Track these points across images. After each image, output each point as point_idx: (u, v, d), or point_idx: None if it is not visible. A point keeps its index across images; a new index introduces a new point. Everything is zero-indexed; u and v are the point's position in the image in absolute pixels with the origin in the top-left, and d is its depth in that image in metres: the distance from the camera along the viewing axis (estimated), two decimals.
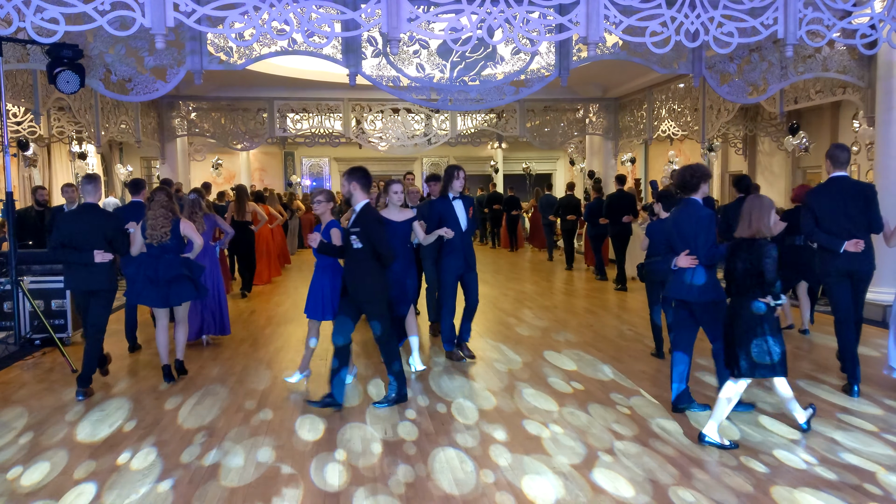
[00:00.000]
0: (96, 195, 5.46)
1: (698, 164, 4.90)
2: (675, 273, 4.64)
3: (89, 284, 5.29)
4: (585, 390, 5.38)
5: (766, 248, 4.11)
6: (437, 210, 6.07)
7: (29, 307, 6.75)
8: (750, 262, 4.13)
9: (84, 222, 5.31)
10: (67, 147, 14.38)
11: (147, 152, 18.02)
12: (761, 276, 4.10)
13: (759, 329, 4.11)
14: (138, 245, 5.53)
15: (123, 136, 12.10)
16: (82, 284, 5.31)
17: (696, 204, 4.60)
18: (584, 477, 3.79)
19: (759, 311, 4.09)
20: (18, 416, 4.95)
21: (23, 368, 6.28)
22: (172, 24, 5.29)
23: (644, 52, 6.92)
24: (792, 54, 6.46)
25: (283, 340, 7.30)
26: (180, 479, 3.84)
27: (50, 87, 8.48)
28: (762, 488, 3.62)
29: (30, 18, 5.00)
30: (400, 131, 13.89)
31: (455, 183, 6.06)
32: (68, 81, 6.17)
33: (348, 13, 5.68)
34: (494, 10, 5.76)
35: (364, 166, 5.15)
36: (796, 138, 12.05)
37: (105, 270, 5.31)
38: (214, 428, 4.63)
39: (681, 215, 4.64)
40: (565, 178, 23.09)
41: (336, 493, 3.65)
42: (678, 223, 4.63)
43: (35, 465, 4.05)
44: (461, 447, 4.22)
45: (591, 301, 9.60)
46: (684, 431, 4.41)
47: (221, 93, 13.44)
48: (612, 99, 14.53)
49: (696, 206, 4.59)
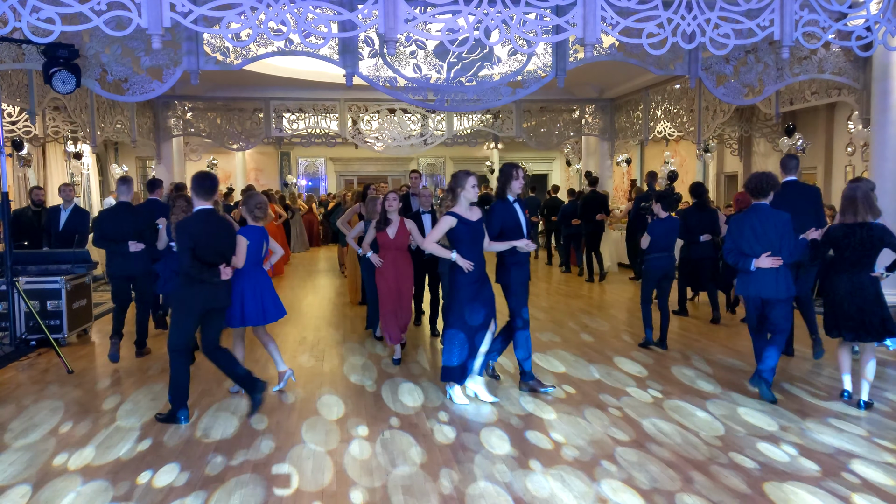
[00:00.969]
0: (130, 194, 6.45)
1: (770, 172, 5.19)
2: (752, 274, 4.96)
3: (127, 270, 6.30)
4: (579, 392, 5.39)
5: (885, 228, 4.75)
6: (499, 215, 5.20)
7: (24, 308, 6.73)
8: (871, 243, 4.69)
9: (120, 218, 6.29)
10: (63, 147, 14.34)
11: (143, 152, 17.98)
12: (875, 253, 4.73)
13: (882, 295, 4.77)
14: (164, 240, 6.13)
15: (119, 135, 12.06)
16: (121, 271, 6.32)
17: (769, 208, 4.99)
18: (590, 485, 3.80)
19: (881, 278, 4.80)
20: (13, 416, 4.93)
21: (18, 369, 6.26)
22: (169, 24, 5.28)
23: (641, 53, 6.93)
24: (788, 56, 6.48)
25: (279, 341, 7.28)
26: (175, 479, 3.83)
27: (45, 87, 8.46)
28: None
29: (26, 18, 4.98)
30: (396, 131, 13.88)
31: (514, 184, 5.20)
32: (64, 81, 6.15)
33: (345, 14, 5.67)
34: (491, 12, 5.77)
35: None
36: (792, 139, 12.10)
37: (140, 258, 6.30)
38: (210, 429, 4.62)
39: (757, 219, 4.97)
40: (561, 178, 23.12)
41: (334, 493, 3.66)
42: (755, 227, 4.96)
43: (30, 465, 4.04)
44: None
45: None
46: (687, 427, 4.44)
47: (217, 92, 13.40)
48: (609, 100, 14.55)
49: (772, 211, 4.98)
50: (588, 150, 15.58)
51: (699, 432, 4.46)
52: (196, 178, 4.72)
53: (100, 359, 6.67)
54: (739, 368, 5.96)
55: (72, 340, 7.25)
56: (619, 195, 17.73)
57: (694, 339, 7.18)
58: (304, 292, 10.81)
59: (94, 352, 6.98)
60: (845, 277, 4.78)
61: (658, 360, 6.28)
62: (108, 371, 6.17)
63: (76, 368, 6.20)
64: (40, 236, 8.21)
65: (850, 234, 4.75)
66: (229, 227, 4.89)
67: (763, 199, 5.01)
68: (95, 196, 16.91)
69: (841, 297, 4.79)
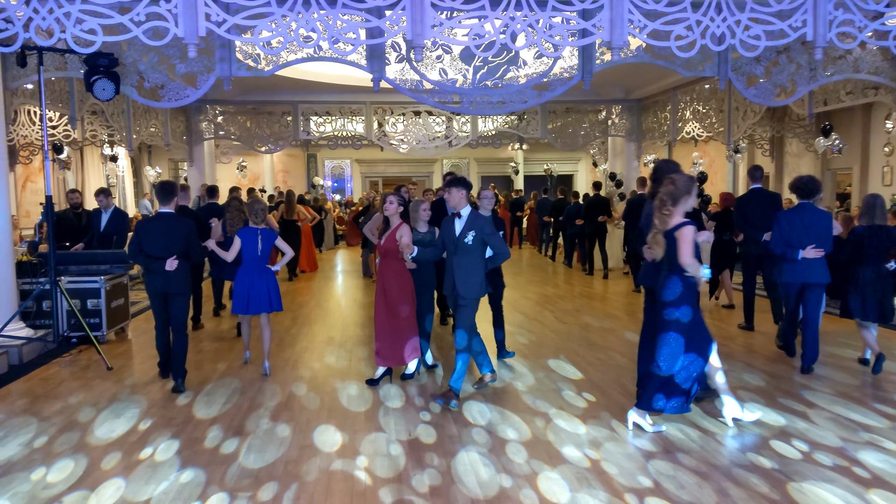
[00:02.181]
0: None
1: (814, 176, 6.06)
2: (797, 262, 5.73)
3: (163, 287, 5.65)
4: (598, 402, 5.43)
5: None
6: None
7: (66, 306, 6.98)
8: (889, 241, 5.68)
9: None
10: (99, 150, 14.73)
11: (175, 155, 18.38)
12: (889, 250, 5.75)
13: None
14: (218, 233, 7.10)
15: (153, 139, 12.38)
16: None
17: (814, 207, 5.79)
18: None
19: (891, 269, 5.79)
20: (58, 411, 5.13)
21: (60, 365, 6.49)
22: (204, 33, 5.45)
23: (668, 55, 6.92)
24: (821, 56, 6.39)
25: (308, 340, 7.45)
26: (204, 473, 3.96)
27: (85, 94, 8.76)
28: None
29: (70, 30, 5.18)
30: (421, 133, 14.00)
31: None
32: (104, 89, 6.38)
33: (373, 21, 5.78)
34: (518, 16, 5.82)
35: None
36: (828, 140, 11.89)
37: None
38: (242, 427, 4.76)
39: (806, 217, 5.75)
40: (587, 179, 23.00)
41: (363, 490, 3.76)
42: (805, 223, 5.72)
43: (72, 459, 4.21)
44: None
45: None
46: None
47: (247, 97, 13.67)
48: (635, 100, 14.47)
49: (819, 210, 5.82)
50: (614, 151, 15.51)
51: (715, 434, 4.51)
52: (157, 186, 5.79)
53: (137, 356, 6.89)
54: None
55: (110, 338, 7.49)
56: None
57: None
58: (331, 293, 10.97)
59: (132, 349, 7.21)
60: (869, 269, 5.73)
61: None
62: (146, 368, 6.37)
63: (114, 365, 6.41)
64: (81, 238, 8.46)
65: (872, 234, 5.71)
66: (181, 227, 5.69)
67: (810, 198, 5.79)
68: (130, 198, 17.34)
69: (866, 285, 5.73)
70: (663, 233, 4.42)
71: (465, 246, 5.07)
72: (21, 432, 4.69)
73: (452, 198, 5.10)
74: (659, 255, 4.49)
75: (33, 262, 7.44)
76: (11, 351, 6.44)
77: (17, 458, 4.24)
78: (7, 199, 6.81)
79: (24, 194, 12.63)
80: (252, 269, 6.00)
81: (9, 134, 8.86)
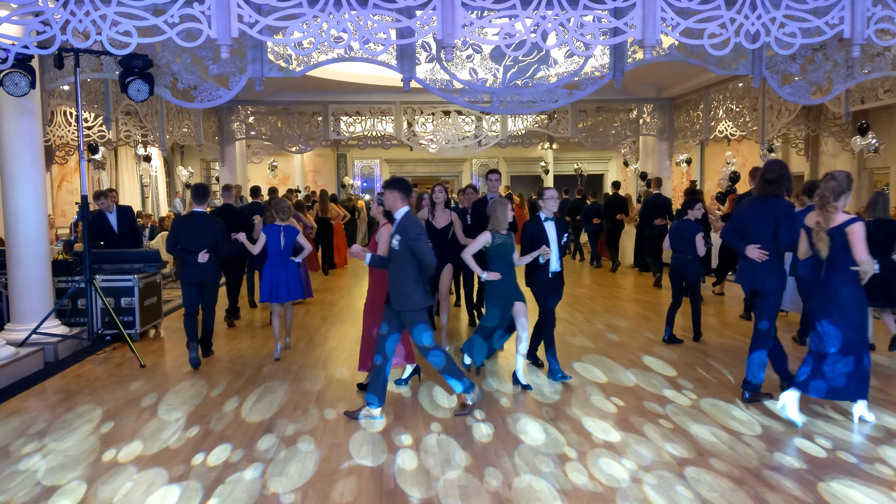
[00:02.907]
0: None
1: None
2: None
3: (198, 277, 6.38)
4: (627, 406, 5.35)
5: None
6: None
7: (100, 304, 7.11)
8: (893, 234, 6.09)
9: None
10: (133, 150, 15.01)
11: (207, 155, 18.66)
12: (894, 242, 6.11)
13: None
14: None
15: (186, 139, 12.56)
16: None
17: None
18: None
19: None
20: (92, 408, 5.23)
21: (95, 363, 6.62)
22: (236, 34, 5.49)
23: (701, 53, 6.78)
24: (859, 54, 6.23)
25: (337, 340, 7.48)
26: (242, 472, 4.00)
27: (120, 94, 8.91)
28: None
29: (105, 32, 5.27)
30: (450, 133, 13.98)
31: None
32: (139, 90, 6.48)
33: (404, 21, 5.77)
34: (549, 15, 5.76)
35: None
36: (865, 139, 11.59)
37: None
38: (274, 424, 4.80)
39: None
40: (618, 178, 22.75)
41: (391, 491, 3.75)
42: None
43: (106, 454, 4.28)
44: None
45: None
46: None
47: (278, 97, 13.79)
48: (667, 99, 14.27)
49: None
50: (646, 150, 15.32)
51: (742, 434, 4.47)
52: (193, 188, 6.57)
53: (169, 354, 7.00)
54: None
55: (144, 336, 7.62)
56: (678, 196, 17.35)
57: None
58: (360, 292, 11.01)
59: (164, 347, 7.32)
60: (878, 260, 5.59)
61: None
62: (178, 365, 6.46)
63: (147, 363, 6.52)
64: (115, 237, 8.58)
65: (880, 227, 6.04)
66: (211, 225, 6.41)
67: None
68: (163, 197, 17.64)
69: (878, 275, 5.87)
70: (827, 230, 4.46)
71: (393, 252, 4.78)
72: (69, 425, 4.80)
73: (386, 200, 4.87)
74: (824, 252, 4.49)
75: (69, 261, 7.61)
76: (47, 348, 6.59)
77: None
78: (43, 199, 6.96)
79: (60, 194, 12.94)
80: (277, 261, 6.68)
81: (45, 135, 9.07)
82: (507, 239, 5.43)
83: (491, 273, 5.35)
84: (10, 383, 5.84)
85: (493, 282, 5.38)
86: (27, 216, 6.77)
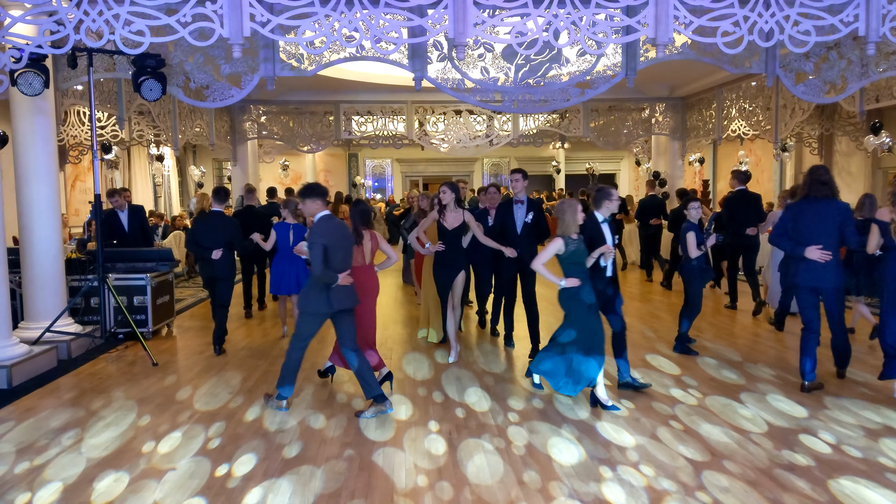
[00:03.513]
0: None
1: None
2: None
3: (211, 273, 6.79)
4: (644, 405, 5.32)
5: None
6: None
7: (113, 303, 7.16)
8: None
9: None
10: (146, 150, 15.11)
11: (219, 154, 18.74)
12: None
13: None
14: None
15: (198, 139, 12.63)
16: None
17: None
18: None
19: None
20: (105, 405, 5.27)
21: (108, 361, 6.66)
22: (248, 33, 5.50)
23: (714, 51, 6.73)
24: (874, 52, 6.16)
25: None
26: (253, 468, 4.01)
27: (133, 94, 8.97)
28: None
29: (119, 31, 5.30)
30: (462, 133, 13.97)
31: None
32: (151, 89, 6.51)
33: (416, 20, 5.77)
34: (561, 13, 5.74)
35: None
36: (878, 138, 11.48)
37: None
38: (285, 422, 4.81)
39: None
40: (630, 178, 22.67)
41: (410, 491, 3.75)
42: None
43: (120, 453, 4.31)
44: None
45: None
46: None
47: (290, 97, 13.83)
48: (680, 98, 14.18)
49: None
50: (658, 149, 15.23)
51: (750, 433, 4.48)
52: (215, 190, 7.18)
53: (181, 352, 7.03)
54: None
55: (155, 334, 7.66)
56: None
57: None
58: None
59: (176, 345, 7.36)
60: (863, 254, 6.07)
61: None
62: (190, 364, 6.49)
63: (160, 361, 6.55)
64: (127, 236, 8.65)
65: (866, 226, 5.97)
66: (227, 224, 6.91)
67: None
68: (175, 196, 17.75)
69: (860, 268, 6.43)
70: None
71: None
72: (82, 423, 4.83)
73: (306, 208, 5.02)
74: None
75: (82, 260, 7.67)
76: (60, 346, 6.64)
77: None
78: (57, 198, 7.02)
79: (74, 193, 13.04)
80: (285, 257, 7.24)
81: (59, 134, 9.14)
82: (579, 244, 5.02)
83: (570, 279, 4.95)
84: (24, 381, 5.89)
85: (571, 290, 4.99)
86: (41, 215, 6.82)
